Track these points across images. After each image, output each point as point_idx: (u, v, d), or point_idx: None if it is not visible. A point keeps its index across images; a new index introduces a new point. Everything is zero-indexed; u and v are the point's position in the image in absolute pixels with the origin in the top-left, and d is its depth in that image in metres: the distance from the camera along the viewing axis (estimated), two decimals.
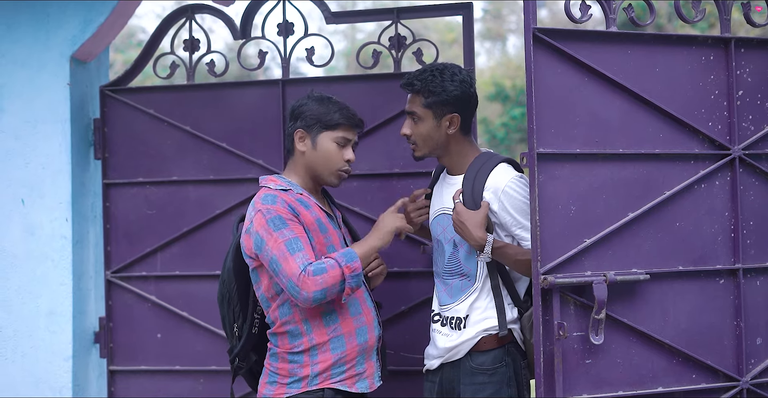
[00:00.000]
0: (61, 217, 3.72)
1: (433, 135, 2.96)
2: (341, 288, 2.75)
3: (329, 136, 2.91)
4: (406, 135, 3.00)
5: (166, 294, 3.87)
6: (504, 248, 2.87)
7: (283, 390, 2.86)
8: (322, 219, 2.89)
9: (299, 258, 2.72)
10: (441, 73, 2.93)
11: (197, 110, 3.86)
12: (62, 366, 3.71)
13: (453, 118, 2.94)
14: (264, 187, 2.92)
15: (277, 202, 2.80)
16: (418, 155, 3.02)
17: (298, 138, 2.93)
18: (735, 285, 3.01)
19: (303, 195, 2.90)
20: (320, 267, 2.72)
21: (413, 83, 2.95)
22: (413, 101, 2.97)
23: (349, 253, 2.79)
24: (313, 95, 2.98)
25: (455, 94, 2.92)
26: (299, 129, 2.93)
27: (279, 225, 2.76)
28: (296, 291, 2.71)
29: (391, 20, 3.76)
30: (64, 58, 3.75)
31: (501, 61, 19.73)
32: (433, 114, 2.94)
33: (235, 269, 2.94)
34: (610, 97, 2.90)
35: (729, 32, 3.06)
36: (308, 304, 2.74)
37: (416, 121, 2.96)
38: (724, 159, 3.01)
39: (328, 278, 2.72)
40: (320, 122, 2.91)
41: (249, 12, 3.85)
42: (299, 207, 2.84)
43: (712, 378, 2.97)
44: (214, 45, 3.90)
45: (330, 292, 2.74)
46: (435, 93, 2.92)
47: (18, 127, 3.74)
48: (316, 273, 2.71)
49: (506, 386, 2.92)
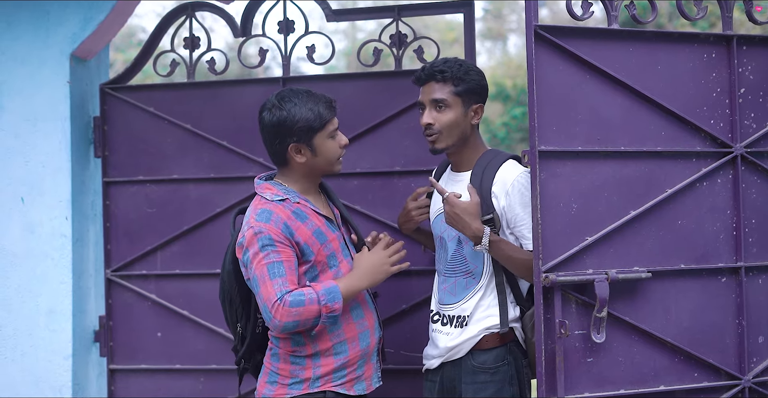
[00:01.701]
0: (61, 216, 3.71)
1: (461, 123, 2.94)
2: (314, 323, 2.73)
3: (323, 135, 2.83)
4: (429, 124, 2.94)
5: (166, 292, 3.86)
6: (499, 242, 2.85)
7: (284, 390, 2.84)
8: (321, 228, 2.84)
9: (278, 284, 2.69)
10: (463, 64, 2.94)
11: (198, 108, 3.85)
12: (62, 365, 3.70)
13: (479, 108, 2.95)
14: (260, 196, 2.86)
15: (271, 221, 2.75)
16: (439, 147, 2.95)
17: (294, 152, 2.83)
18: (737, 283, 3.00)
19: (300, 204, 2.84)
20: (299, 300, 2.69)
21: (444, 70, 2.91)
22: (441, 89, 2.92)
23: (334, 292, 2.73)
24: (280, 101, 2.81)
25: (483, 84, 2.95)
26: (292, 144, 2.82)
27: (267, 246, 2.72)
28: (269, 317, 2.70)
29: (392, 18, 3.75)
30: (64, 55, 3.74)
31: (502, 60, 19.73)
32: (462, 102, 2.92)
33: (234, 271, 2.91)
34: (612, 94, 2.89)
35: (731, 29, 3.06)
36: (277, 332, 2.74)
37: (443, 108, 2.92)
38: (726, 157, 3.01)
39: (304, 311, 2.69)
40: (311, 129, 2.80)
41: (249, 10, 3.84)
42: (295, 222, 2.78)
43: (714, 377, 2.97)
44: (214, 44, 3.89)
45: (303, 325, 2.72)
46: (465, 80, 2.91)
47: (18, 124, 3.73)
48: (293, 305, 2.68)
49: (508, 385, 2.91)
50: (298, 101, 2.80)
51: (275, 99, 2.84)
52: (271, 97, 2.86)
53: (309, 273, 2.81)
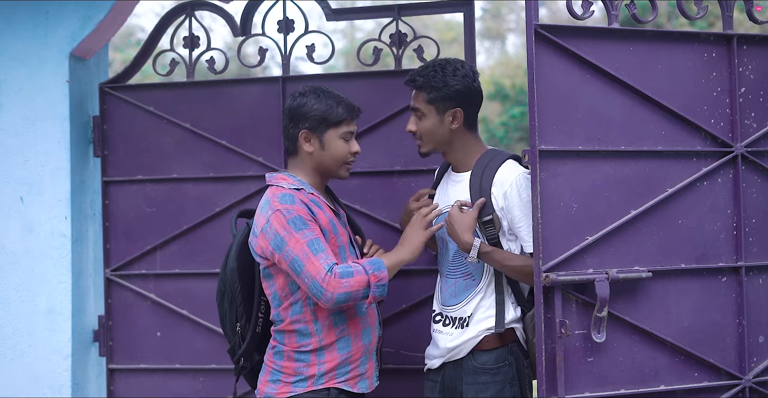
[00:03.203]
0: (61, 215, 3.71)
1: (437, 130, 2.96)
2: (365, 294, 2.74)
3: (335, 133, 2.89)
4: (411, 131, 3.00)
5: (165, 292, 3.85)
6: (491, 253, 2.88)
7: (288, 389, 2.84)
8: (333, 220, 2.89)
9: (323, 258, 2.71)
10: (443, 69, 2.93)
11: (197, 107, 3.84)
12: (61, 365, 3.69)
13: (456, 112, 2.94)
14: (275, 185, 2.88)
15: (296, 202, 2.78)
16: (423, 151, 3.03)
17: (304, 139, 2.90)
18: (737, 283, 3.00)
19: (314, 194, 2.89)
20: (347, 271, 2.72)
21: (415, 79, 2.96)
22: (416, 97, 2.97)
23: (378, 262, 2.79)
24: (307, 91, 2.94)
25: (457, 89, 2.92)
26: (304, 130, 2.89)
27: (300, 225, 2.74)
28: (320, 291, 2.69)
29: (391, 17, 3.75)
30: (63, 55, 3.73)
31: (500, 60, 19.72)
32: (435, 109, 2.94)
33: (240, 268, 2.91)
34: (612, 93, 2.89)
35: (731, 29, 3.05)
36: (330, 305, 2.73)
37: (420, 117, 2.97)
38: (727, 156, 3.00)
39: (354, 282, 2.71)
40: (325, 121, 2.88)
41: (249, 9, 3.84)
42: (314, 207, 2.83)
43: (714, 377, 2.97)
44: (213, 43, 3.89)
45: (354, 296, 2.73)
46: (437, 88, 2.91)
47: (17, 124, 3.73)
48: (343, 276, 2.70)
49: (509, 385, 2.91)
50: (322, 95, 2.92)
51: (304, 88, 2.96)
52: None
53: None
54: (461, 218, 2.88)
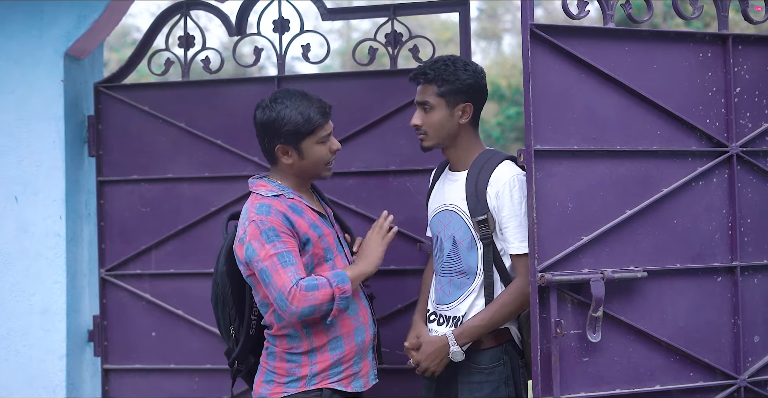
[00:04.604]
0: (55, 215, 3.70)
1: (445, 124, 2.94)
2: (329, 307, 2.73)
3: (312, 140, 2.83)
4: (416, 125, 2.97)
5: (160, 292, 3.85)
6: (467, 331, 2.87)
7: (281, 389, 2.84)
8: (316, 222, 2.86)
9: (291, 272, 2.70)
10: (454, 63, 2.94)
11: (192, 107, 3.83)
12: (56, 365, 3.69)
13: (466, 107, 2.94)
14: (255, 193, 2.87)
15: (272, 213, 2.76)
16: (426, 145, 2.99)
17: (281, 153, 2.85)
18: (732, 282, 3.00)
19: (295, 199, 2.85)
20: (312, 284, 2.71)
21: (426, 72, 2.94)
22: (425, 91, 2.95)
23: (341, 275, 2.78)
24: (274, 101, 2.82)
25: (469, 83, 2.93)
26: (279, 145, 2.83)
27: (272, 237, 2.73)
28: (285, 304, 2.69)
29: (387, 17, 3.74)
30: (58, 54, 3.72)
31: (496, 60, 19.71)
32: (446, 102, 2.93)
33: (229, 272, 2.91)
34: (608, 93, 2.89)
35: (727, 29, 3.05)
36: (294, 319, 2.72)
37: (428, 110, 2.94)
38: (722, 156, 3.00)
39: (319, 295, 2.70)
40: (299, 133, 2.80)
41: (244, 9, 3.83)
42: (293, 215, 2.80)
43: (709, 376, 2.97)
44: (209, 43, 3.88)
45: (318, 310, 2.72)
46: (449, 81, 2.91)
47: (11, 124, 3.72)
48: (308, 290, 2.69)
49: (504, 385, 2.91)
50: (290, 103, 2.81)
51: (269, 99, 2.86)
52: (269, 96, 2.88)
53: (307, 267, 2.81)
54: (424, 351, 2.93)
